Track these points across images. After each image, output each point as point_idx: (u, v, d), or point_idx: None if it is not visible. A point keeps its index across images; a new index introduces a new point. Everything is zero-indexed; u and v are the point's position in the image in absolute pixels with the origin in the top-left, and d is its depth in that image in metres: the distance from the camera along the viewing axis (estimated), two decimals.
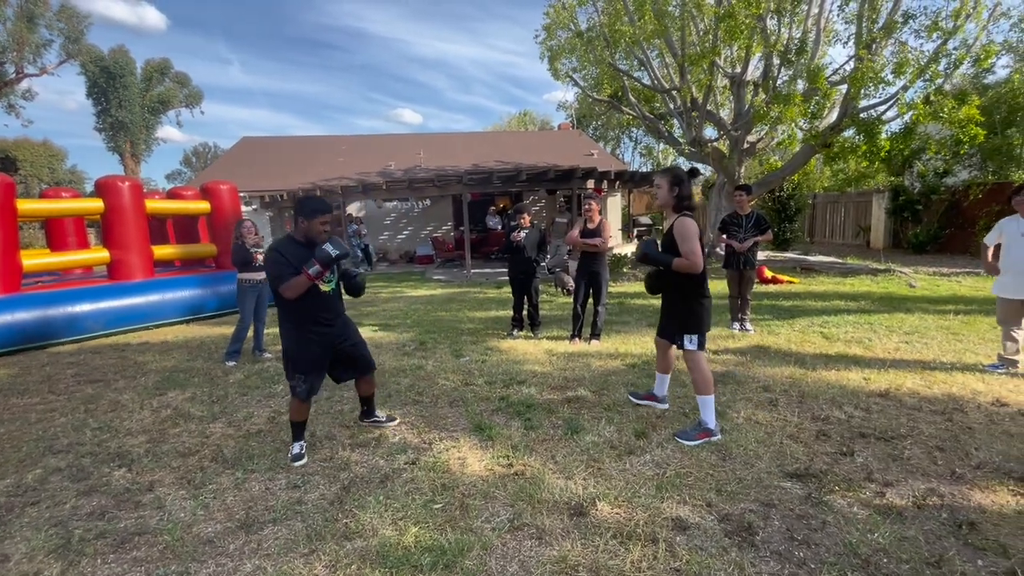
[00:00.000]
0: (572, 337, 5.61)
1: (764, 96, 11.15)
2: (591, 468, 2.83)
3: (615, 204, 18.37)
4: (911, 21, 8.80)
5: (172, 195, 9.37)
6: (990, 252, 4.20)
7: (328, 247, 2.77)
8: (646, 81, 12.24)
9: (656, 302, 7.83)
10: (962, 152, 10.55)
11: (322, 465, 2.99)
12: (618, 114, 15.14)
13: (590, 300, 5.53)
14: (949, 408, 3.43)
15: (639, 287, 9.35)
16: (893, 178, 13.82)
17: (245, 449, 3.23)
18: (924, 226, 12.96)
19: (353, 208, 16.34)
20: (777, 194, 13.73)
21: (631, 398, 3.75)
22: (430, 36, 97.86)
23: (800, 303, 7.16)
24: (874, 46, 9.21)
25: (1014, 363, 4.04)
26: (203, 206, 8.56)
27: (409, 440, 3.28)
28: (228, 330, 5.88)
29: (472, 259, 13.00)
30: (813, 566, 2.02)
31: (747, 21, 9.29)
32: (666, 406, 3.60)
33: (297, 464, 2.98)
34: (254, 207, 16.51)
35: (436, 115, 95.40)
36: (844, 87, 9.68)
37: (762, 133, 11.82)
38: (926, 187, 12.85)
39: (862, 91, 9.62)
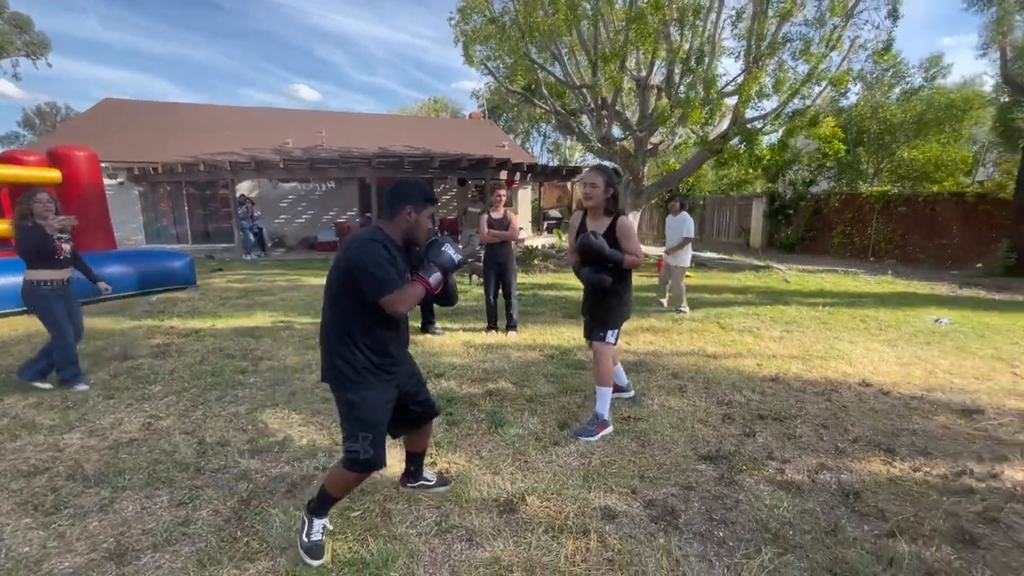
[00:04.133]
0: (489, 328, 5.53)
1: (667, 100, 11.87)
2: (518, 462, 2.77)
3: (525, 197, 18.62)
4: (788, 44, 9.83)
5: (7, 160, 7.76)
6: None
7: (448, 248, 2.03)
8: (559, 75, 12.45)
9: (569, 293, 8.21)
10: (826, 164, 12.06)
11: (214, 476, 2.60)
12: (530, 107, 15.27)
13: (500, 291, 5.49)
14: (827, 390, 3.86)
15: (552, 278, 9.53)
16: (770, 185, 15.48)
17: (113, 463, 2.72)
18: (794, 229, 14.71)
19: (244, 187, 14.83)
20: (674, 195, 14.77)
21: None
22: (332, 8, 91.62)
23: (697, 296, 7.73)
24: (760, 62, 10.15)
25: None
26: (52, 175, 7.20)
27: (318, 442, 2.98)
28: (90, 322, 4.97)
29: None
30: (732, 544, 2.12)
31: (655, 26, 9.78)
32: (632, 393, 3.65)
33: (316, 563, 1.97)
34: (120, 180, 14.35)
35: (336, 94, 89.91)
36: (734, 98, 10.58)
37: (664, 135, 12.58)
38: (796, 195, 14.57)
39: (748, 103, 10.59)
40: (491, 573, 1.94)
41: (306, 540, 1.99)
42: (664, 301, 6.84)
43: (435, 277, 1.98)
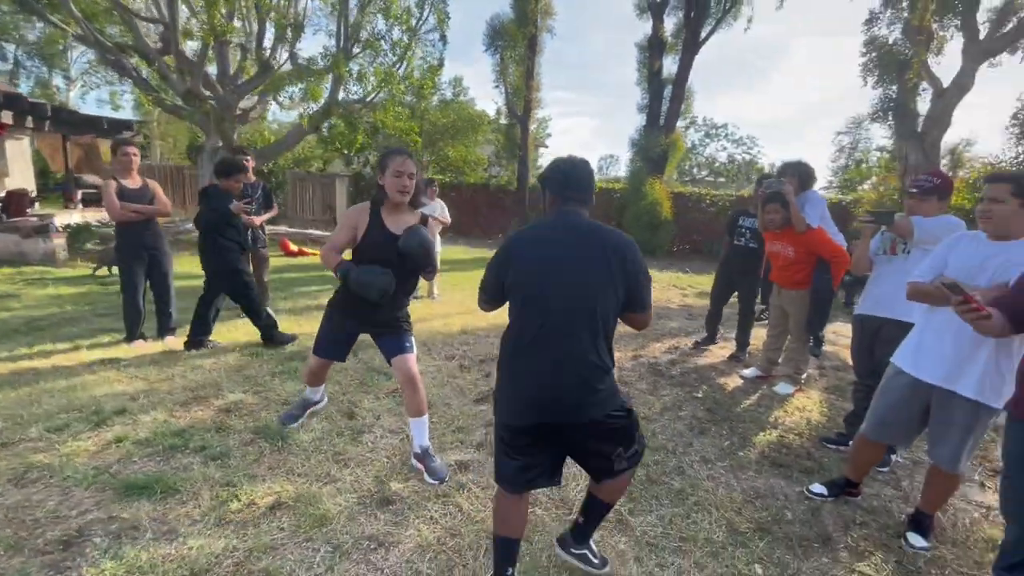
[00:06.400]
0: (132, 339, 4.10)
1: (253, 61, 10.93)
2: (340, 461, 2.57)
3: (19, 149, 12.79)
4: (382, 41, 10.94)
5: None
6: None
7: None
8: None
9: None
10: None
11: None
12: (42, 22, 10.59)
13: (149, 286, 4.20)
14: (497, 333, 5.13)
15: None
16: (354, 167, 16.69)
17: None
18: None
19: None
20: (261, 168, 13.80)
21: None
22: None
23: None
24: (348, 47, 10.85)
25: None
26: None
27: None
28: None
29: None
30: None
31: None
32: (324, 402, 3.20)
33: None
34: None
35: None
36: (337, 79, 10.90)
37: (254, 101, 11.53)
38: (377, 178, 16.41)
39: (342, 85, 11.17)
40: (437, 551, 1.95)
41: None
42: (421, 291, 6.64)
43: None
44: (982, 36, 10.24)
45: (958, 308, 1.64)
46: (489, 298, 1.78)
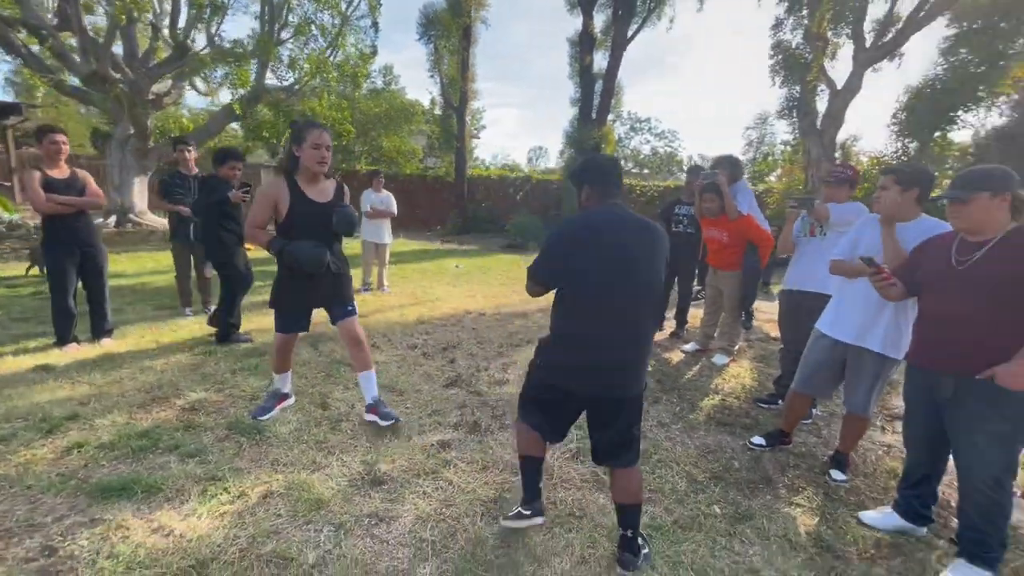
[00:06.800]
0: (64, 343, 3.81)
1: (165, 42, 10.17)
2: (326, 449, 2.62)
3: None
4: (312, 26, 10.50)
5: None
6: None
7: None
8: None
9: (150, 280, 6.22)
10: (344, 143, 13.67)
11: None
12: None
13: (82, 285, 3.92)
14: (456, 320, 5.25)
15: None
16: (281, 156, 15.86)
17: None
18: None
19: None
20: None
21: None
22: None
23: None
24: (282, 32, 10.34)
25: None
26: None
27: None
28: None
29: None
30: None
31: None
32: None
33: None
34: None
35: None
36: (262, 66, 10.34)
37: (168, 86, 10.68)
38: None
39: (268, 70, 10.63)
40: (442, 524, 2.08)
41: None
42: (372, 282, 6.53)
43: None
44: (868, 44, 11.58)
45: (873, 278, 2.01)
46: (546, 281, 1.91)
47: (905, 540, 2.16)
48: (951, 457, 2.05)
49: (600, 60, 13.96)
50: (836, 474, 2.60)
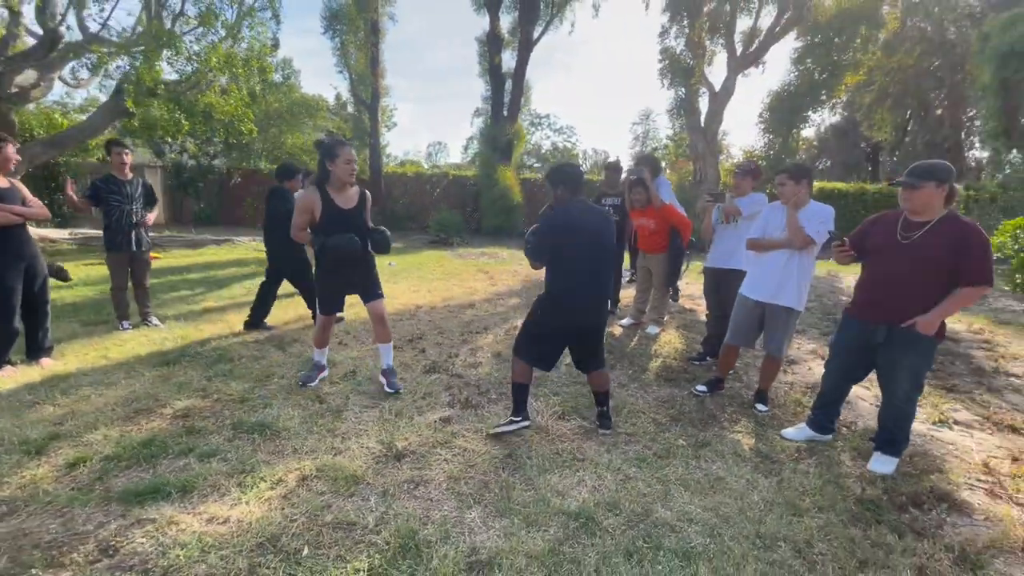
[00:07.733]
0: None
1: (28, 30, 9.01)
2: (340, 435, 2.81)
3: None
4: (212, 15, 9.73)
5: None
6: None
7: None
8: None
9: (57, 296, 5.54)
10: (244, 140, 12.82)
11: None
12: None
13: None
14: (410, 315, 5.46)
15: None
16: (171, 155, 14.47)
17: None
18: (206, 202, 14.69)
19: None
20: (51, 161, 11.27)
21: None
22: None
23: (214, 274, 7.21)
24: (175, 21, 9.55)
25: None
26: None
27: None
28: None
29: None
30: (497, 401, 3.43)
31: None
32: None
33: None
34: None
35: None
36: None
37: (34, 78, 9.39)
38: (204, 169, 14.50)
39: (158, 61, 9.75)
40: (480, 480, 2.41)
41: None
42: None
43: None
44: (738, 53, 13.33)
45: (835, 250, 2.66)
46: (543, 255, 2.73)
47: (817, 445, 2.89)
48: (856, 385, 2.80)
49: (508, 60, 14.52)
50: (760, 407, 3.33)
